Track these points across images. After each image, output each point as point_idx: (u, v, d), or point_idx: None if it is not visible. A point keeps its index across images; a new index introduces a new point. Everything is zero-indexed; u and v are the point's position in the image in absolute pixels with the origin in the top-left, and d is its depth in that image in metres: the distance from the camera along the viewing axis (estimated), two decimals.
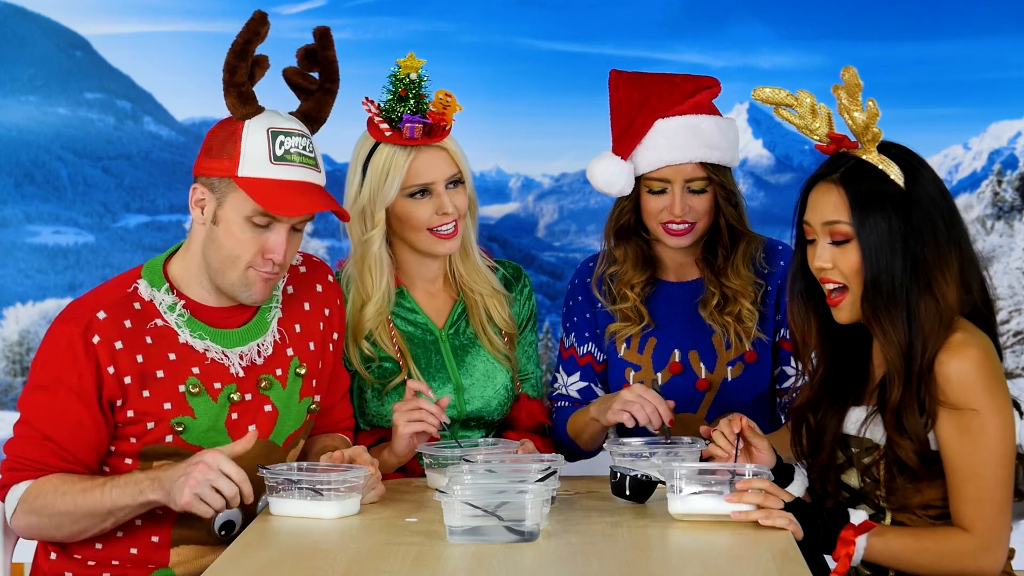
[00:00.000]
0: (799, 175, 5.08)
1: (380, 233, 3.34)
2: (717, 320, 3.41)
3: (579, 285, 3.55)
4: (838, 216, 2.76)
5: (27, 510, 2.92)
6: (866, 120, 2.77)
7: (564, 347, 3.55)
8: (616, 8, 4.99)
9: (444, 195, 3.32)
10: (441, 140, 3.33)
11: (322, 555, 2.59)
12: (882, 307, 2.74)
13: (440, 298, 3.47)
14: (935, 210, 2.76)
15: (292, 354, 3.06)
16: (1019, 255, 5.01)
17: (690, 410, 3.42)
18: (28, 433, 2.93)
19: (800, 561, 2.49)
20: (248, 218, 2.90)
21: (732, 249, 3.41)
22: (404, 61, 3.33)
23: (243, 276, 2.93)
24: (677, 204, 3.34)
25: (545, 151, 5.11)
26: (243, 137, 2.90)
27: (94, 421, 2.92)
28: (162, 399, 2.94)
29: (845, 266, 2.77)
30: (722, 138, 3.37)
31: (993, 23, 4.94)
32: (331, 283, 3.19)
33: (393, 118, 3.30)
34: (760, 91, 2.87)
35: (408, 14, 5.00)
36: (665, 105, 3.37)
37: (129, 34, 5.02)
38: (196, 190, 2.95)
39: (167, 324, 2.96)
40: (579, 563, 2.53)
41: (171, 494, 2.79)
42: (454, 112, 3.32)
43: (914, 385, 2.73)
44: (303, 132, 2.95)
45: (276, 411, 3.03)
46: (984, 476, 2.70)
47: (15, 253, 5.06)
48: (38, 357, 2.96)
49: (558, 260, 5.18)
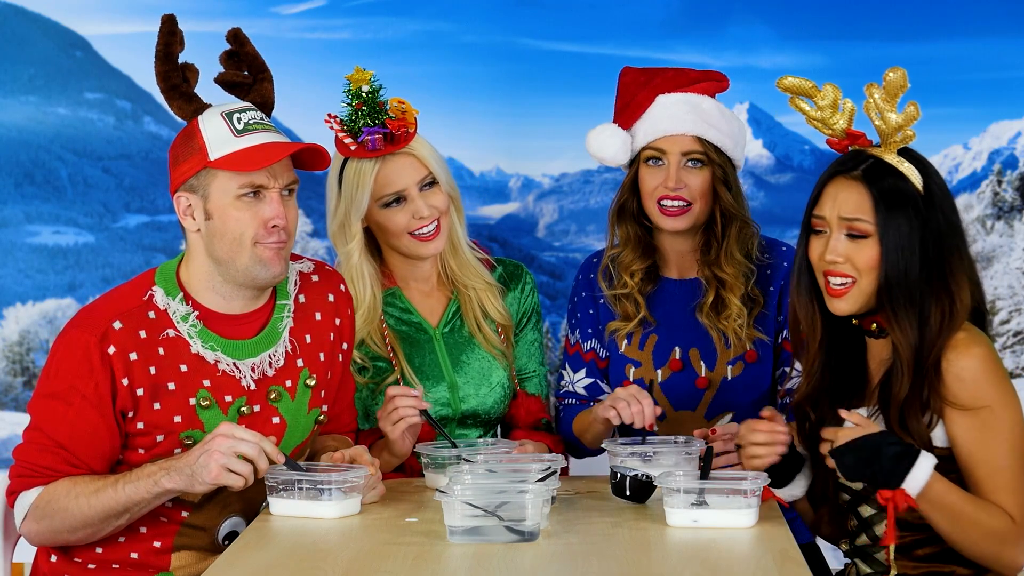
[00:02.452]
0: (799, 175, 5.08)
1: (358, 245, 3.35)
2: (714, 324, 3.40)
3: (583, 280, 3.55)
4: (860, 214, 2.78)
5: (38, 516, 2.92)
6: (901, 122, 2.78)
7: (569, 343, 3.55)
8: (616, 8, 4.99)
9: (418, 199, 3.32)
10: (405, 146, 3.32)
11: (322, 555, 2.59)
12: (900, 304, 2.76)
13: (434, 297, 3.48)
14: (949, 214, 2.80)
15: (302, 365, 3.06)
16: (1019, 255, 5.01)
17: (689, 408, 3.42)
18: (40, 440, 2.92)
19: (800, 561, 2.49)
20: (238, 196, 2.91)
21: (725, 235, 3.40)
22: (353, 76, 3.33)
23: (253, 254, 2.93)
24: (672, 175, 3.35)
25: (545, 151, 5.11)
26: (201, 129, 2.94)
27: (109, 431, 2.91)
28: (173, 412, 2.93)
29: (860, 261, 2.78)
30: (723, 121, 3.39)
31: (993, 23, 4.94)
32: (343, 292, 3.19)
33: (355, 131, 3.30)
34: (785, 80, 2.88)
35: (408, 14, 5.00)
36: (669, 85, 3.41)
37: (129, 34, 5.02)
38: (180, 200, 2.98)
39: (180, 334, 2.95)
40: (579, 563, 2.53)
41: (195, 475, 2.79)
42: (413, 116, 3.32)
43: (918, 384, 2.74)
44: (254, 107, 2.98)
45: (284, 423, 3.03)
46: (1011, 467, 2.73)
47: (15, 253, 5.06)
48: (52, 363, 2.94)
49: (558, 260, 5.17)
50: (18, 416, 5.05)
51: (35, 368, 5.07)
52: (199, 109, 2.97)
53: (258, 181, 2.91)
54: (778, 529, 2.72)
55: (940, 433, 2.77)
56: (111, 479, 2.89)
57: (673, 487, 2.74)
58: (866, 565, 2.90)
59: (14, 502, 2.96)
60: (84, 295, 5.01)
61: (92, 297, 4.78)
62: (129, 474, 2.88)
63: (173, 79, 2.97)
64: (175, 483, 2.83)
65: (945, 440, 2.77)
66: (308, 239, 5.07)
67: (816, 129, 2.90)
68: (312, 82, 4.90)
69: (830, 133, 2.87)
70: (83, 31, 5.05)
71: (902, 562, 2.83)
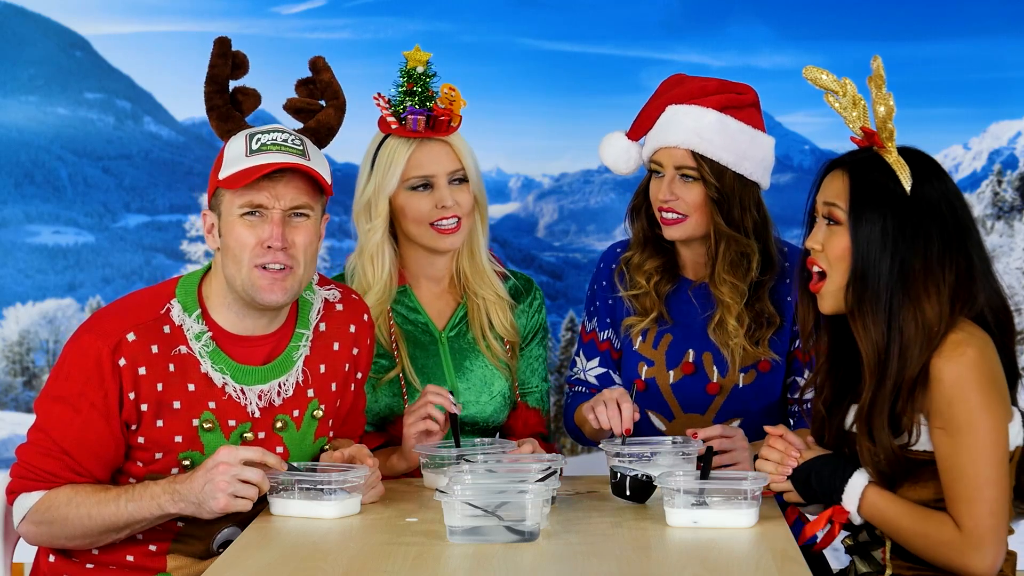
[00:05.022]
0: (799, 175, 5.08)
1: (382, 223, 3.36)
2: (723, 341, 3.39)
3: (604, 269, 3.53)
4: (836, 199, 2.79)
5: (37, 521, 2.92)
6: (884, 115, 2.78)
7: (585, 331, 3.54)
8: (616, 8, 4.98)
9: (445, 189, 3.33)
10: (446, 135, 3.34)
11: (322, 555, 2.59)
12: (866, 301, 2.74)
13: (444, 299, 3.47)
14: (936, 223, 2.75)
15: (312, 395, 3.04)
16: (1019, 255, 5.01)
17: (698, 412, 3.41)
18: (44, 443, 2.91)
19: (800, 561, 2.49)
20: (240, 215, 2.90)
21: (716, 254, 3.37)
22: (410, 54, 3.35)
23: (249, 275, 2.91)
24: (664, 188, 3.35)
25: (545, 151, 5.11)
26: (226, 149, 2.94)
27: (114, 440, 2.91)
28: (174, 432, 2.93)
29: (831, 250, 2.79)
30: (724, 136, 3.32)
31: (993, 23, 4.94)
32: (365, 322, 3.16)
33: (399, 111, 3.32)
34: (810, 71, 2.88)
35: (408, 14, 5.00)
36: (684, 96, 3.39)
37: (129, 34, 5.02)
38: (205, 217, 2.98)
39: (191, 352, 2.94)
40: (579, 563, 2.53)
41: (202, 505, 2.79)
42: (460, 108, 3.33)
43: (886, 391, 2.73)
44: (285, 129, 2.96)
45: (287, 452, 3.02)
46: (974, 476, 2.68)
47: (15, 253, 5.05)
48: (64, 365, 2.92)
49: (558, 260, 5.17)
50: (18, 416, 5.05)
51: (35, 368, 5.07)
52: (234, 130, 2.97)
53: (257, 200, 2.89)
54: (778, 529, 2.72)
55: (927, 438, 2.76)
56: (112, 493, 2.88)
57: (673, 487, 2.74)
58: (864, 563, 2.90)
59: (13, 501, 2.96)
60: (84, 295, 5.01)
61: (92, 297, 4.79)
62: (131, 491, 2.87)
63: (214, 100, 2.98)
64: (180, 509, 2.83)
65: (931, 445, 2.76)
66: None
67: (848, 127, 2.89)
68: None
69: (853, 129, 2.88)
70: (83, 31, 5.05)
71: (897, 562, 2.83)
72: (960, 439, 2.68)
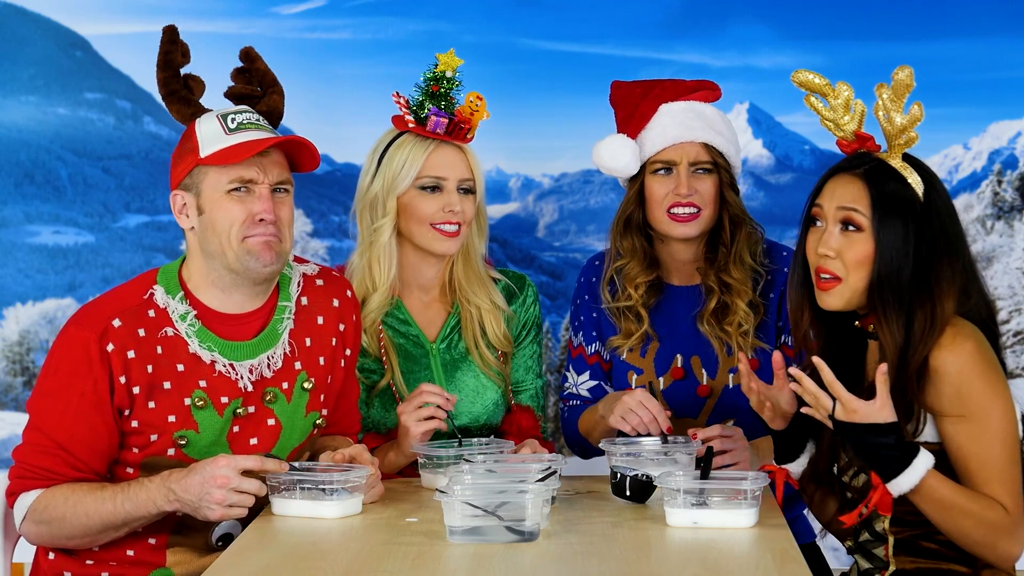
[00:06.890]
0: (799, 175, 5.09)
1: (391, 221, 3.36)
2: (715, 333, 3.40)
3: (584, 283, 3.55)
4: (857, 205, 2.78)
5: (37, 520, 2.92)
6: (905, 124, 2.78)
7: (573, 346, 3.55)
8: (616, 8, 4.99)
9: (454, 194, 3.34)
10: (463, 143, 3.35)
11: (322, 555, 2.59)
12: (890, 304, 2.77)
13: (434, 308, 3.46)
14: (947, 224, 2.80)
15: (300, 367, 3.06)
16: (1019, 255, 5.01)
17: (691, 415, 3.42)
18: (39, 440, 2.92)
19: (800, 561, 2.49)
20: (227, 191, 2.93)
21: (734, 240, 3.41)
22: (444, 57, 3.36)
23: (242, 247, 2.94)
24: (684, 183, 3.35)
25: (545, 151, 5.12)
26: (197, 130, 2.97)
27: (107, 429, 2.92)
28: (167, 412, 2.94)
29: (850, 256, 2.79)
30: (725, 128, 3.42)
31: (993, 23, 4.95)
32: (349, 298, 3.19)
33: (420, 113, 3.33)
34: (800, 73, 2.88)
35: (408, 14, 5.00)
36: (669, 94, 3.42)
37: (129, 34, 5.02)
38: (175, 199, 3.00)
39: (178, 333, 2.96)
40: (579, 563, 2.53)
41: (199, 510, 2.81)
42: (481, 118, 3.35)
43: (900, 387, 2.74)
44: (252, 110, 3.02)
45: (279, 425, 3.03)
46: (1001, 457, 2.72)
47: (15, 253, 5.06)
48: (51, 360, 2.94)
49: (558, 260, 5.18)
50: (18, 416, 5.06)
51: (35, 368, 5.08)
52: (197, 113, 3.01)
53: (247, 176, 2.93)
54: (778, 529, 2.72)
55: (930, 429, 2.77)
56: (109, 491, 2.88)
57: (673, 487, 2.74)
58: (866, 560, 2.90)
59: (14, 503, 2.96)
60: (84, 295, 5.01)
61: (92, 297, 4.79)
62: (127, 488, 2.88)
63: (172, 85, 3.03)
64: (176, 509, 2.85)
65: (934, 436, 2.77)
66: (308, 239, 5.07)
67: (828, 129, 2.89)
68: (312, 82, 4.90)
69: (841, 134, 2.87)
70: (83, 31, 5.05)
71: (900, 558, 2.83)
72: (977, 425, 2.72)
